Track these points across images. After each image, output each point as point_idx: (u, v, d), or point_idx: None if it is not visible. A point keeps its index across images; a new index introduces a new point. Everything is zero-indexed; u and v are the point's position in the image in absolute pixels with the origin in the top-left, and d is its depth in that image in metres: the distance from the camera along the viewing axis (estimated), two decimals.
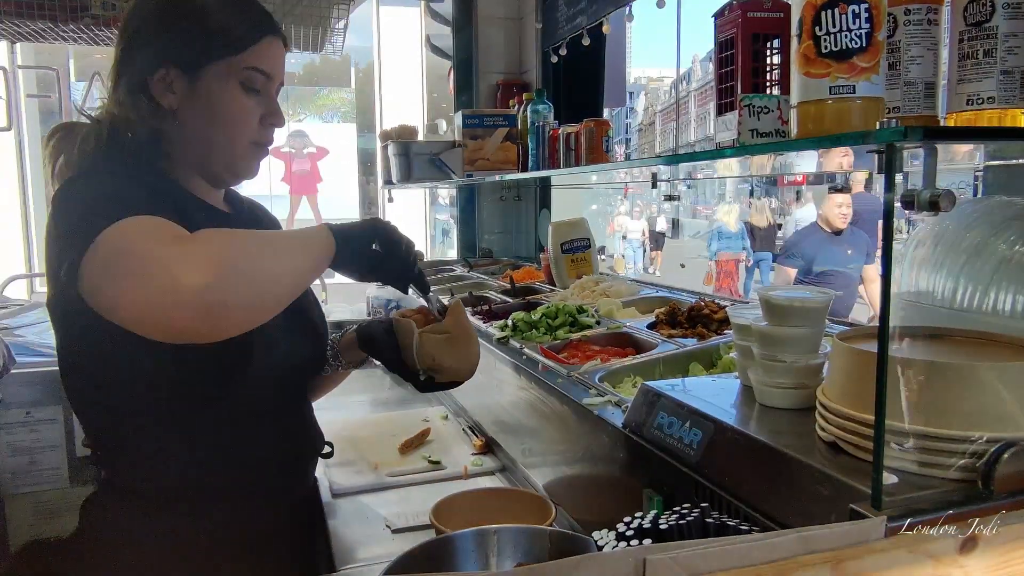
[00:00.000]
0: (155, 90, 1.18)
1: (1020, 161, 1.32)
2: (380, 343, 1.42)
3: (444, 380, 1.37)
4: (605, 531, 0.87)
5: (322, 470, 1.89)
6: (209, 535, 1.19)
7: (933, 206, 0.70)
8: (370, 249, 1.20)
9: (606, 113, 4.17)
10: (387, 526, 1.56)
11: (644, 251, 17.59)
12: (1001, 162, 1.36)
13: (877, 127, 0.72)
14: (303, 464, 1.42)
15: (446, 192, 5.63)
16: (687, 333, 1.76)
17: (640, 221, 17.80)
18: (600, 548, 0.83)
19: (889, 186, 0.69)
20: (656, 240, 17.75)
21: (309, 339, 1.38)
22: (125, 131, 1.16)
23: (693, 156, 1.38)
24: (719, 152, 1.12)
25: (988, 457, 0.79)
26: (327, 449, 1.51)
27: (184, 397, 1.14)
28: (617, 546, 0.81)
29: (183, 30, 1.18)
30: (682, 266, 14.65)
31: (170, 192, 1.20)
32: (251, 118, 1.22)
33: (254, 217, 1.43)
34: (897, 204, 0.72)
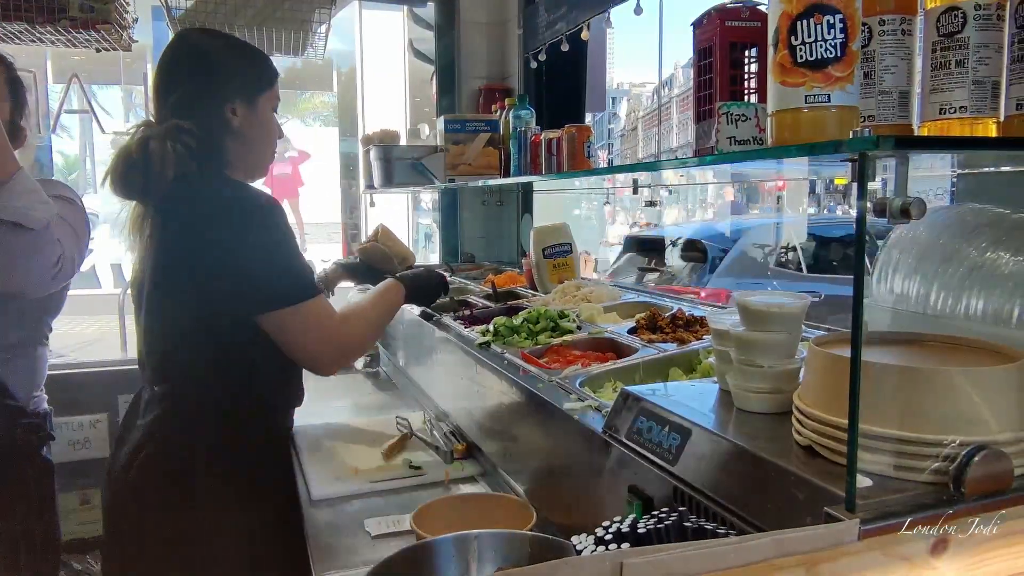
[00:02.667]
0: (228, 114, 1.64)
1: (990, 169, 1.35)
2: (356, 268, 2.35)
3: (400, 262, 2.27)
4: (584, 535, 0.87)
5: (301, 476, 1.88)
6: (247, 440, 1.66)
7: (904, 214, 0.71)
8: (426, 290, 2.07)
9: (588, 118, 4.19)
10: (367, 532, 1.56)
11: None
12: (972, 171, 1.38)
13: (851, 136, 0.74)
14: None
15: (428, 197, 5.62)
16: (667, 338, 1.77)
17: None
18: (579, 552, 0.84)
19: (862, 194, 0.70)
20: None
21: None
22: (207, 142, 1.59)
23: (669, 163, 1.39)
24: (698, 159, 1.13)
25: (960, 460, 0.80)
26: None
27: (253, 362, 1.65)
28: (596, 550, 0.82)
29: (244, 70, 1.68)
30: None
31: None
32: (276, 132, 1.78)
33: None
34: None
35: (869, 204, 0.70)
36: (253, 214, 1.55)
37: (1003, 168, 1.32)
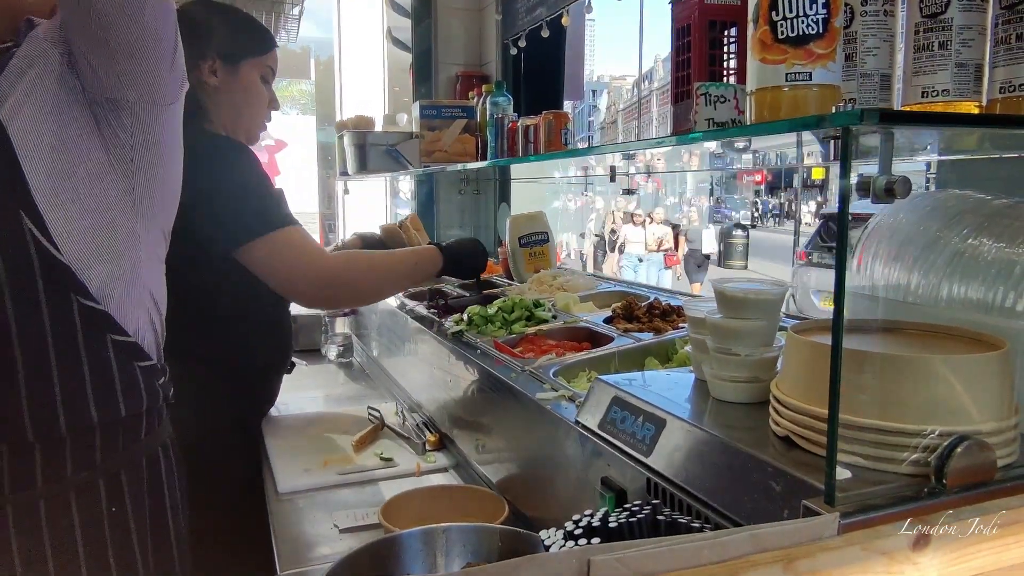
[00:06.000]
0: (204, 71, 1.70)
1: (971, 157, 1.33)
2: (373, 242, 2.37)
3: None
4: (553, 530, 0.84)
5: (268, 468, 1.83)
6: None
7: (889, 193, 0.68)
8: (470, 260, 1.99)
9: (568, 108, 4.15)
10: (335, 525, 1.51)
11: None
12: (953, 157, 1.36)
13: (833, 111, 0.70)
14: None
15: (407, 186, 5.56)
16: (644, 327, 1.74)
17: (647, 229, 12.46)
18: (547, 548, 0.80)
19: (845, 172, 0.67)
20: (696, 264, 12.63)
21: None
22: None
23: (647, 143, 1.36)
24: (677, 138, 1.09)
25: (941, 451, 0.77)
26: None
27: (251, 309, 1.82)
28: (565, 545, 0.78)
29: (230, 31, 1.73)
30: None
31: None
32: (265, 100, 1.83)
33: None
34: None
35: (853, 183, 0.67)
36: (224, 154, 1.63)
37: (983, 156, 1.30)
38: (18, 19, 1.14)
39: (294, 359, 2.22)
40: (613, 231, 13.39)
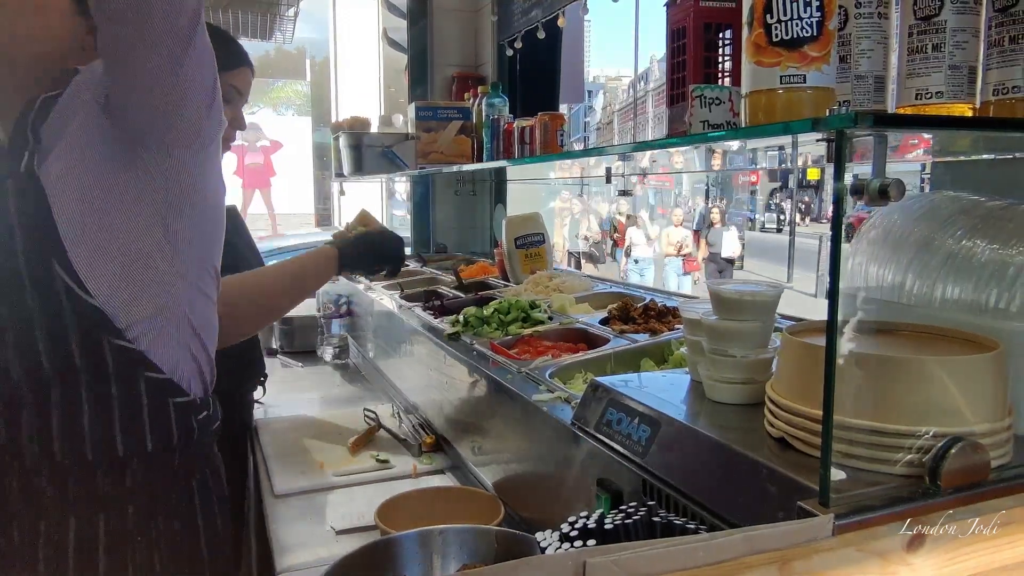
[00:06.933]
0: None
1: (965, 158, 1.33)
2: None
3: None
4: (548, 532, 0.84)
5: (264, 470, 1.83)
6: None
7: (883, 195, 0.68)
8: (370, 254, 1.74)
9: (564, 109, 4.15)
10: (331, 527, 1.51)
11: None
12: (946, 159, 1.37)
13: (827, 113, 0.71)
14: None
15: (403, 188, 5.56)
16: (639, 328, 1.74)
17: (651, 229, 11.71)
18: (543, 550, 0.80)
19: (839, 174, 0.67)
20: (719, 269, 11.23)
21: None
22: None
23: (642, 145, 1.36)
24: (668, 140, 1.10)
25: (935, 452, 0.77)
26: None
27: None
28: (560, 547, 0.78)
29: None
30: None
31: None
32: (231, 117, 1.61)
33: None
34: None
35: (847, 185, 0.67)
36: None
37: (977, 157, 1.31)
38: (60, 69, 1.15)
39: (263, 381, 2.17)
40: (615, 229, 12.79)
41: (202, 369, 1.23)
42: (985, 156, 1.26)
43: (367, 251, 1.74)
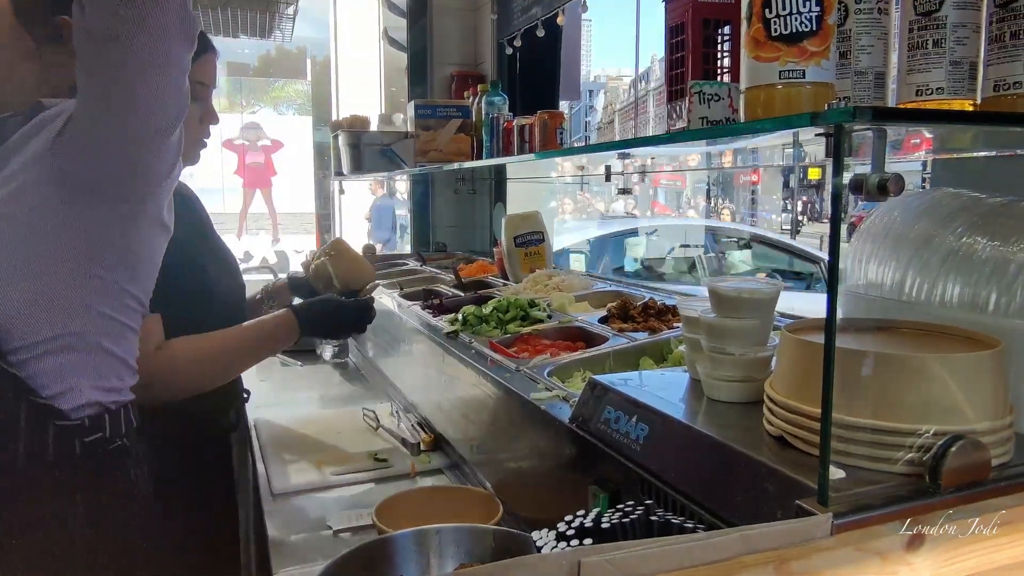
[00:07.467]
0: None
1: (966, 155, 1.32)
2: (302, 286, 2.00)
3: (343, 287, 1.85)
4: (545, 531, 0.83)
5: (262, 469, 1.82)
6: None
7: (882, 190, 0.67)
8: (329, 322, 1.70)
9: (564, 108, 4.14)
10: (329, 526, 1.50)
11: None
12: (948, 155, 1.36)
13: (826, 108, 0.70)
14: None
15: (403, 187, 5.55)
16: (638, 327, 1.74)
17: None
18: (539, 549, 0.79)
19: (838, 169, 0.66)
20: None
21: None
22: None
23: (641, 141, 1.35)
24: (668, 136, 1.09)
25: (936, 451, 0.77)
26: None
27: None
28: (557, 546, 0.78)
29: None
30: None
31: None
32: (193, 121, 1.53)
33: None
34: None
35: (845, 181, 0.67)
36: None
37: (978, 154, 1.30)
38: (34, 98, 1.17)
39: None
40: None
41: (110, 398, 1.20)
42: (985, 153, 1.25)
43: (326, 319, 1.70)
